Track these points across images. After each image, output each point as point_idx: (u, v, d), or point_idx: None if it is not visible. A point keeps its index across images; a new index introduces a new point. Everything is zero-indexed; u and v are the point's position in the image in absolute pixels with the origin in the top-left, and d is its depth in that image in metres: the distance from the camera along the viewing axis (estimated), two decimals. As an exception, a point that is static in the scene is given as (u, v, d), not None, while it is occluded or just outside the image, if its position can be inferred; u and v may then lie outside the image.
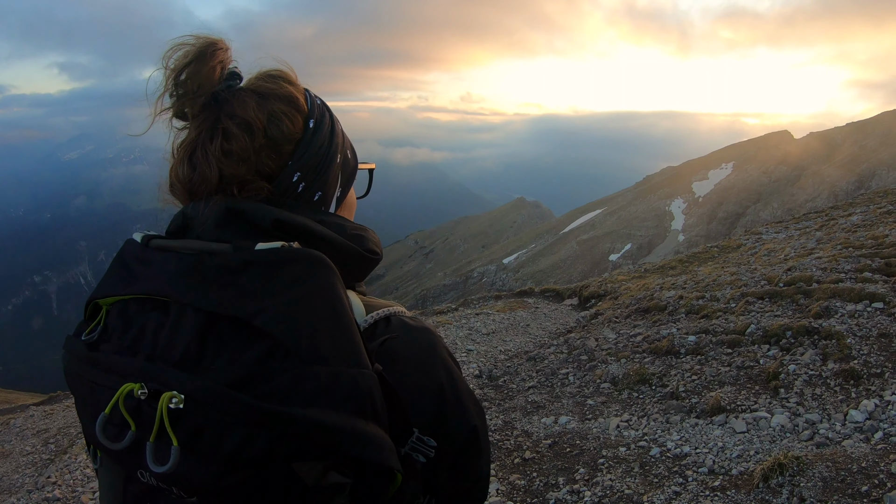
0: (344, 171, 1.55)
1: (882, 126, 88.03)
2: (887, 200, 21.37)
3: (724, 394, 7.09)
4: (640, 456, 6.29)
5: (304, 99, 1.47)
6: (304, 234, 1.29)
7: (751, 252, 18.53)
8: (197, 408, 1.03)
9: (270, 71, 1.47)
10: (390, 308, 1.42)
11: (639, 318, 11.35)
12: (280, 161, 1.39)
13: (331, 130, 1.49)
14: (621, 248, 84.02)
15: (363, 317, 1.35)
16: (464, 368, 10.52)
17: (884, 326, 7.63)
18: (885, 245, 11.79)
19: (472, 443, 1.39)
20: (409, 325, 1.39)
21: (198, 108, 1.37)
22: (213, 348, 1.10)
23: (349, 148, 1.60)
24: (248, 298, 1.12)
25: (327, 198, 1.50)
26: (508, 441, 7.42)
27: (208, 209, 1.29)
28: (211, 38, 1.37)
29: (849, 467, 4.87)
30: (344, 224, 1.43)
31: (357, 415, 1.09)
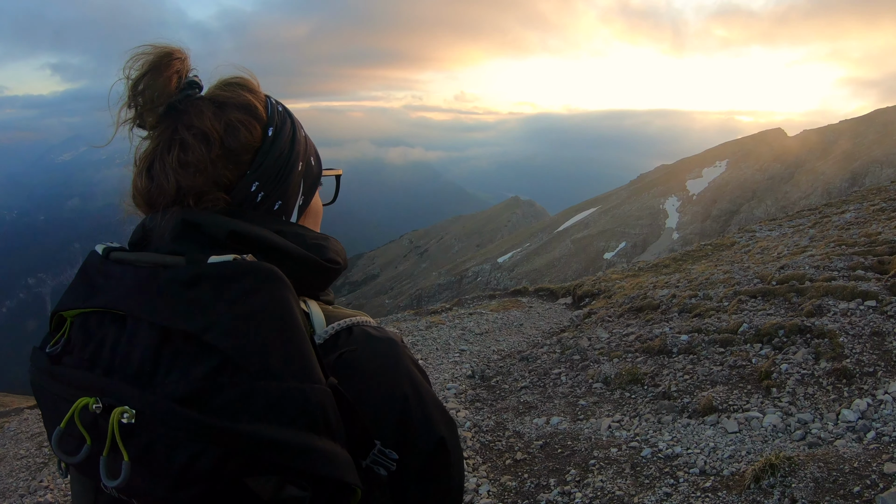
0: (306, 179, 1.52)
1: (876, 123, 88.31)
2: (881, 198, 21.38)
3: (716, 393, 7.06)
4: (631, 457, 6.26)
5: (264, 106, 1.44)
6: (261, 245, 1.27)
7: (744, 250, 18.53)
8: (147, 423, 1.03)
9: (230, 79, 1.45)
10: (353, 318, 1.38)
11: (632, 317, 11.32)
12: (238, 171, 1.37)
13: (291, 138, 1.46)
14: (616, 246, 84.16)
15: (323, 328, 1.31)
16: (456, 369, 10.50)
17: (876, 325, 7.61)
18: (878, 243, 11.78)
19: (441, 453, 1.36)
20: (371, 335, 1.35)
21: (156, 118, 1.35)
22: (166, 363, 1.09)
23: (312, 154, 1.57)
24: (199, 313, 1.10)
25: (288, 206, 1.47)
26: (500, 442, 7.39)
27: (165, 221, 1.28)
28: (168, 47, 1.35)
29: (841, 468, 4.84)
30: (304, 234, 1.40)
31: (309, 430, 1.07)
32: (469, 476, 6.59)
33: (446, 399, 8.93)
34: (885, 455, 4.92)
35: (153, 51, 1.33)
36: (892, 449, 5.04)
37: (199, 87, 1.39)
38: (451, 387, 9.46)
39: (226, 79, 1.44)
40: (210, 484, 1.02)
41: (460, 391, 9.32)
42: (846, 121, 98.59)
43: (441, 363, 10.85)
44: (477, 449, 7.29)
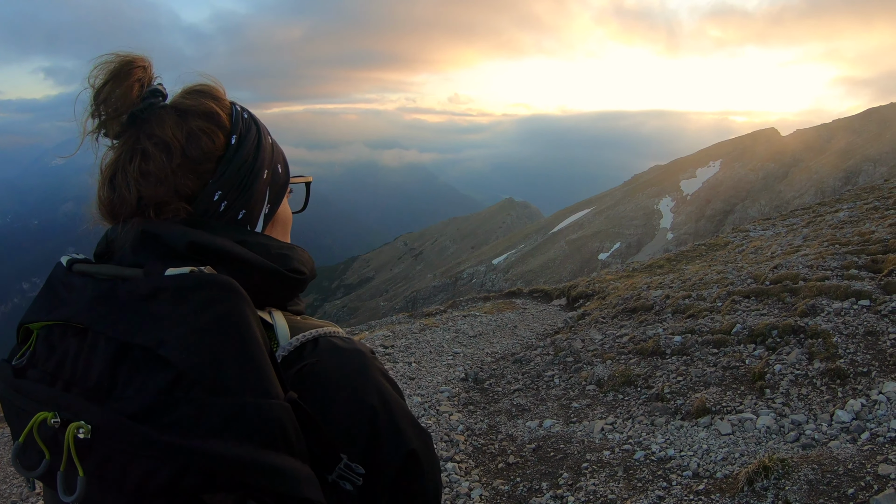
0: (273, 187, 1.49)
1: (869, 122, 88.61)
2: (874, 196, 21.42)
3: (709, 395, 7.03)
4: (624, 459, 6.22)
5: (228, 114, 1.41)
6: (221, 256, 1.25)
7: (738, 250, 18.55)
8: (103, 439, 1.01)
9: (194, 86, 1.42)
10: (319, 329, 1.35)
11: (625, 319, 11.30)
12: (200, 180, 1.34)
13: (256, 145, 1.43)
14: (610, 247, 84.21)
15: (288, 339, 1.28)
16: (450, 372, 10.46)
17: (870, 324, 7.58)
18: (872, 242, 11.76)
19: (412, 466, 1.32)
20: (338, 347, 1.32)
21: (119, 128, 1.32)
22: (124, 377, 1.08)
23: (280, 162, 1.53)
24: (155, 326, 1.08)
25: (253, 216, 1.43)
26: (493, 445, 7.36)
27: (125, 232, 1.28)
28: (130, 56, 1.33)
29: (835, 469, 4.80)
30: (268, 244, 1.38)
31: (266, 446, 1.04)
32: (461, 480, 6.57)
33: (439, 402, 8.90)
34: (879, 456, 4.88)
35: (115, 59, 1.31)
36: (886, 450, 5.00)
37: (163, 96, 1.37)
38: (444, 390, 9.43)
39: (190, 87, 1.42)
40: (166, 500, 0.99)
41: (453, 394, 9.29)
42: (840, 120, 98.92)
43: (434, 366, 10.81)
44: (469, 452, 7.26)
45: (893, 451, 4.95)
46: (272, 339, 1.27)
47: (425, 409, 8.62)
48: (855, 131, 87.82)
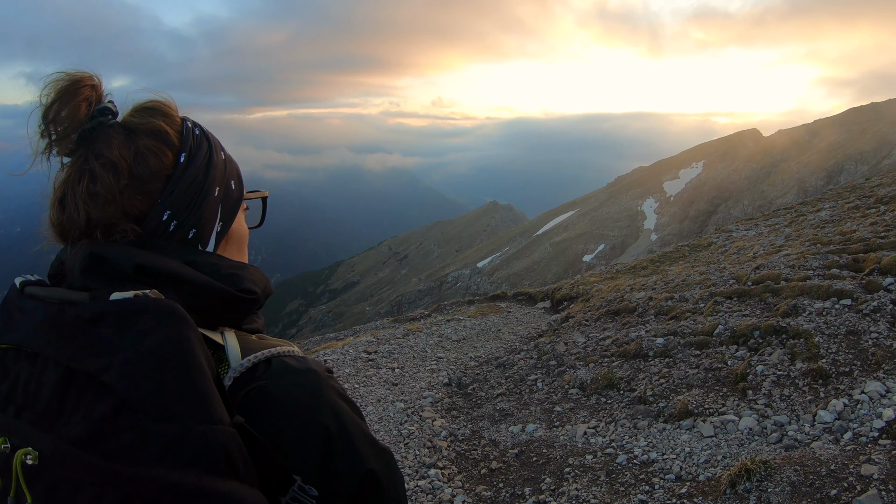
0: (225, 204, 1.47)
1: (850, 122, 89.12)
2: (855, 195, 21.50)
3: (691, 397, 7.02)
4: (606, 464, 6.20)
5: (178, 131, 1.39)
6: (168, 278, 1.24)
7: (721, 250, 18.59)
8: (49, 465, 1.02)
9: (145, 103, 1.40)
10: (273, 349, 1.32)
11: (609, 321, 11.29)
12: (148, 200, 1.33)
13: (207, 162, 1.41)
14: (595, 248, 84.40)
15: (238, 361, 1.26)
16: (433, 377, 10.42)
17: (852, 324, 7.58)
18: (853, 241, 11.79)
19: (370, 486, 1.30)
20: (290, 367, 1.29)
21: (69, 147, 1.30)
22: (71, 403, 1.07)
23: (233, 177, 1.51)
24: (99, 352, 1.07)
25: (204, 234, 1.41)
26: (475, 451, 7.34)
27: (74, 254, 1.27)
28: (78, 74, 1.30)
29: (817, 470, 4.78)
30: (218, 263, 1.36)
31: (210, 472, 1.02)
32: (444, 486, 6.54)
33: (422, 408, 8.86)
34: (862, 456, 4.86)
35: (64, 77, 1.29)
36: (869, 450, 4.99)
37: (113, 114, 1.34)
38: (427, 395, 9.39)
39: (139, 104, 1.40)
40: None
41: (437, 399, 9.25)
42: (822, 120, 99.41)
43: (418, 371, 10.77)
44: (452, 458, 7.23)
45: (876, 450, 4.93)
46: (223, 361, 1.26)
47: (408, 415, 8.58)
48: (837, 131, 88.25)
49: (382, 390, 9.58)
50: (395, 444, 7.67)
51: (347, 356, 11.24)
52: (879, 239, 10.93)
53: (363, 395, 9.26)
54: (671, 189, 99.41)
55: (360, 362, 10.93)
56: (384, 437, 7.84)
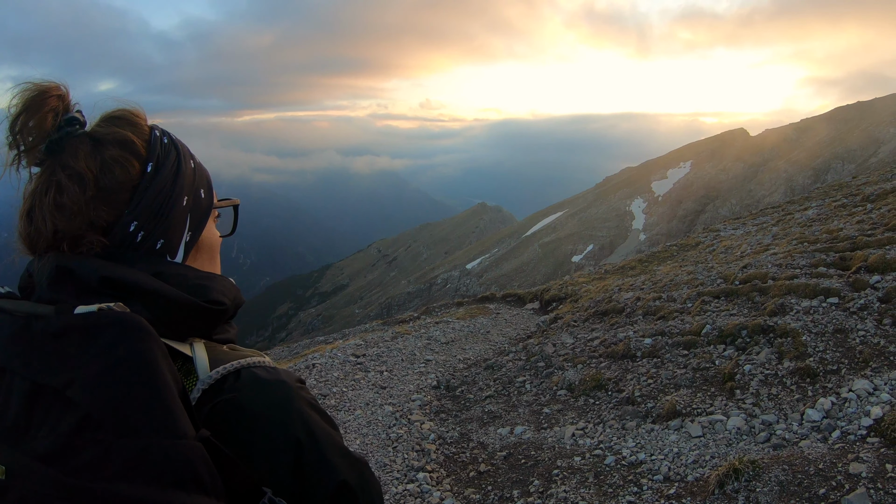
0: (194, 213, 1.45)
1: (837, 121, 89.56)
2: (842, 193, 21.57)
3: (679, 397, 7.01)
4: (594, 465, 6.19)
5: (146, 141, 1.38)
6: (134, 290, 1.23)
7: (709, 250, 18.61)
8: (16, 480, 1.02)
9: (112, 113, 1.38)
10: (242, 361, 1.31)
11: (597, 322, 11.30)
12: (115, 211, 1.31)
13: (175, 171, 1.40)
14: (583, 249, 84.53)
15: (207, 372, 1.25)
16: (422, 380, 10.39)
17: (839, 322, 7.58)
18: (840, 239, 11.81)
19: (344, 498, 1.29)
20: (260, 378, 1.29)
21: (37, 158, 1.29)
22: (38, 418, 1.06)
23: (203, 186, 1.49)
24: (64, 367, 1.07)
25: (172, 245, 1.40)
26: (464, 454, 7.32)
27: (41, 267, 1.26)
28: (45, 84, 1.29)
29: (806, 469, 4.77)
30: (186, 274, 1.36)
31: (175, 487, 1.02)
32: (433, 490, 6.52)
33: (411, 411, 8.83)
34: (850, 455, 4.86)
35: (32, 88, 1.28)
36: (857, 448, 4.99)
37: (81, 124, 1.32)
38: (416, 398, 9.36)
39: (107, 113, 1.38)
40: None
41: (425, 402, 9.23)
42: (808, 119, 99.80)
43: (406, 374, 10.73)
44: (441, 462, 7.21)
45: (864, 449, 4.93)
46: (191, 373, 1.26)
47: (396, 418, 8.55)
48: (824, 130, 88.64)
49: (371, 394, 9.55)
50: (383, 447, 7.64)
51: (336, 360, 11.20)
52: (866, 237, 10.95)
53: (351, 399, 9.23)
54: (659, 189, 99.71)
55: (349, 366, 10.89)
56: (372, 442, 7.81)
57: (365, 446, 7.65)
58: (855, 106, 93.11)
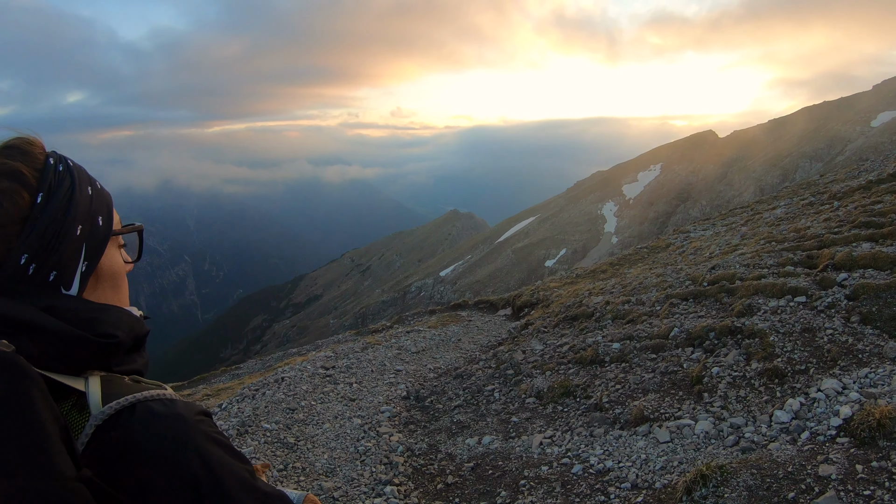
0: (90, 242, 1.40)
1: (804, 120, 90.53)
2: (809, 192, 21.77)
3: (647, 402, 6.96)
4: (562, 474, 6.12)
5: (38, 170, 1.34)
6: (20, 326, 1.20)
7: (679, 251, 18.70)
8: None
9: (6, 143, 1.36)
10: (137, 395, 1.27)
11: (567, 327, 11.26)
12: (5, 244, 1.28)
13: (68, 200, 1.35)
14: (556, 253, 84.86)
15: (100, 408, 1.22)
16: (391, 391, 10.30)
17: (807, 321, 7.56)
18: (807, 237, 11.85)
19: None
20: (155, 413, 1.24)
21: None
22: None
23: (102, 213, 1.45)
24: None
25: (66, 276, 1.35)
26: (432, 465, 7.24)
27: None
28: None
29: (774, 473, 4.71)
30: (77, 307, 1.32)
31: None
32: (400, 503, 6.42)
33: (380, 423, 8.74)
34: (819, 456, 4.80)
35: None
36: (827, 449, 4.93)
37: None
38: (385, 410, 9.26)
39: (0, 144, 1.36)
40: None
41: (394, 414, 9.14)
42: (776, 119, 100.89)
43: (376, 385, 10.64)
44: (409, 474, 7.13)
45: (834, 449, 4.87)
46: (85, 409, 1.23)
47: (365, 431, 8.45)
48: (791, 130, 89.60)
49: (340, 406, 9.43)
50: (351, 461, 7.54)
51: (305, 372, 11.10)
52: (833, 235, 10.99)
53: (320, 413, 9.11)
54: (630, 192, 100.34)
55: (318, 378, 10.78)
56: (340, 455, 7.70)
57: (333, 460, 7.54)
58: (822, 106, 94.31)
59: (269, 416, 8.80)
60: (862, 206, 13.66)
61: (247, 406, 9.22)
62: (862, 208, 13.32)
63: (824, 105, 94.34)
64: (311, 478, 7.03)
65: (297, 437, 8.13)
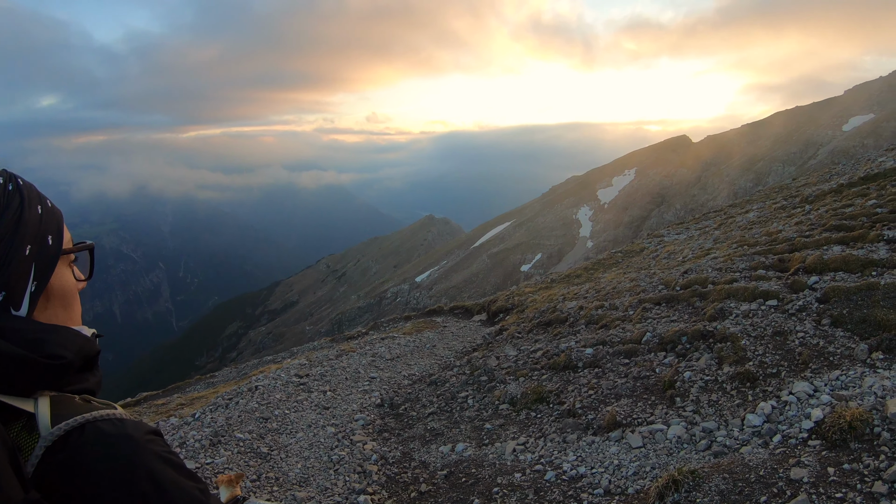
0: (39, 262, 1.37)
1: (777, 125, 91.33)
2: (782, 196, 21.96)
3: (620, 407, 6.96)
4: (535, 481, 6.10)
5: None
6: None
7: (652, 255, 18.78)
8: None
9: None
10: (87, 415, 1.26)
11: (541, 332, 11.27)
12: None
13: (16, 220, 1.32)
14: (532, 258, 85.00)
15: (49, 429, 1.22)
16: (365, 398, 10.25)
17: (778, 324, 7.61)
18: (779, 241, 11.94)
19: None
20: (104, 433, 1.23)
21: None
22: None
23: (52, 232, 1.42)
24: None
25: (15, 297, 1.33)
26: (406, 473, 7.20)
27: None
28: None
29: (746, 477, 4.72)
30: (24, 328, 1.30)
31: None
32: (374, 513, 6.39)
33: (353, 431, 8.69)
34: (791, 459, 4.82)
35: None
36: (798, 452, 4.95)
37: None
38: (359, 418, 9.22)
39: None
40: None
41: (368, 422, 9.09)
42: (749, 124, 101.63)
43: (350, 393, 10.58)
44: (383, 483, 7.08)
45: (806, 452, 4.89)
46: (33, 431, 1.22)
47: (339, 439, 8.40)
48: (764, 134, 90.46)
49: (314, 415, 9.37)
50: (324, 470, 7.48)
51: (279, 381, 11.01)
52: (804, 238, 11.07)
53: (294, 422, 9.04)
54: (605, 196, 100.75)
55: (292, 387, 10.70)
56: (314, 465, 7.64)
57: (306, 470, 7.48)
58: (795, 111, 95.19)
59: (242, 425, 8.72)
60: (833, 210, 13.78)
61: (220, 416, 9.14)
62: (833, 212, 13.44)
63: (797, 109, 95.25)
64: (285, 488, 6.97)
65: (270, 447, 8.06)
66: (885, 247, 9.42)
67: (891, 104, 76.47)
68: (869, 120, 75.80)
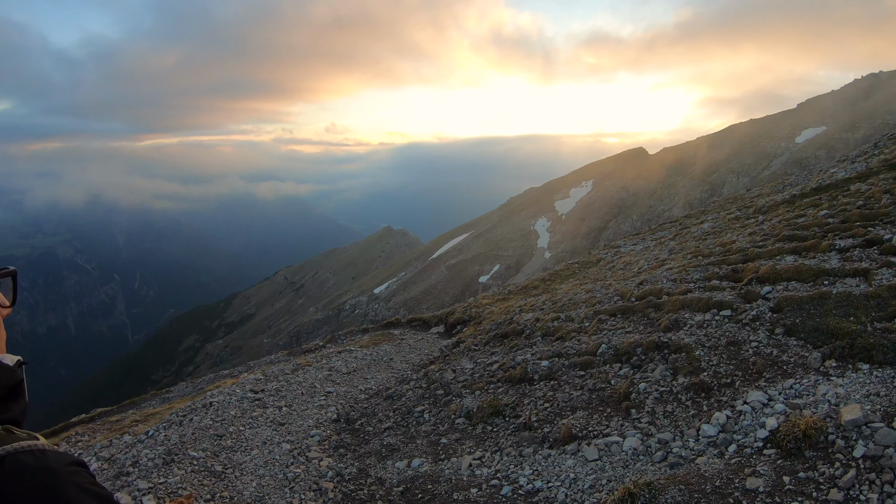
0: None
1: (731, 137, 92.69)
2: (736, 206, 22.19)
3: (576, 420, 6.95)
4: (491, 496, 6.06)
5: None
6: None
7: (609, 266, 18.86)
8: None
9: None
10: (8, 447, 1.23)
11: (497, 345, 11.24)
12: None
13: None
14: (490, 269, 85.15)
15: None
16: (321, 413, 10.15)
17: (732, 334, 7.65)
18: (732, 251, 12.04)
19: None
20: (24, 466, 1.20)
21: None
22: None
23: None
24: None
25: None
26: (362, 490, 7.12)
27: None
28: None
29: (702, 488, 4.71)
30: None
31: None
32: (329, 532, 6.30)
33: (309, 448, 8.58)
34: (747, 469, 4.83)
35: None
36: (754, 461, 4.97)
37: None
38: (314, 434, 9.10)
39: None
40: None
41: (324, 437, 8.99)
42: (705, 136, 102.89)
43: (306, 409, 10.46)
44: (338, 501, 7.01)
45: (761, 461, 4.91)
46: None
47: (294, 456, 8.29)
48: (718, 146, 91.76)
49: (269, 431, 9.24)
50: (279, 489, 7.38)
51: (234, 396, 10.85)
52: (758, 248, 11.18)
53: (248, 439, 8.90)
54: (563, 208, 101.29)
55: (247, 402, 10.55)
56: (269, 483, 7.52)
57: (261, 488, 7.36)
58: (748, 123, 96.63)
59: (196, 443, 8.57)
60: (786, 220, 13.94)
61: (174, 433, 8.98)
62: (786, 222, 13.59)
63: (750, 122, 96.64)
64: (239, 507, 6.86)
65: (224, 465, 7.93)
66: (837, 256, 9.54)
67: (843, 117, 77.99)
68: (822, 132, 77.29)
